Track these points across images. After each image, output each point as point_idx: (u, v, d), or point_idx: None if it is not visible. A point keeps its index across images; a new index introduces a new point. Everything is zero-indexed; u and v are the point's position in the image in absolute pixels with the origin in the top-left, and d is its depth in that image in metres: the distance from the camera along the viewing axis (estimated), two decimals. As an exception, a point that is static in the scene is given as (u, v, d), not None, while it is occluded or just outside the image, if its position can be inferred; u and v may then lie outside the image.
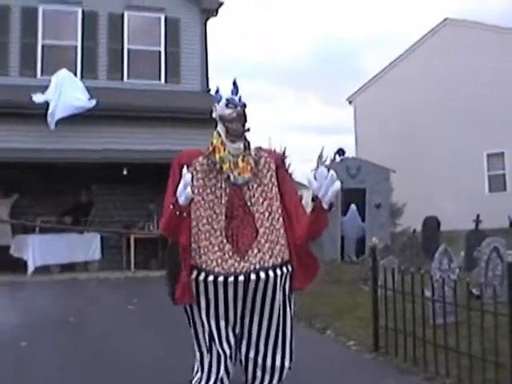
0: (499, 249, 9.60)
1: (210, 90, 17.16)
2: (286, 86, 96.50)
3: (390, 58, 32.09)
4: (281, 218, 3.75)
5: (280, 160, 3.93)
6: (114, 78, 16.87)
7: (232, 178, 3.64)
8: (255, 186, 3.72)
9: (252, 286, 3.59)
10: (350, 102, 33.40)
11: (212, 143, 3.73)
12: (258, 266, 3.59)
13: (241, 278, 3.55)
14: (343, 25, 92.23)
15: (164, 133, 15.09)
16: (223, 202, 3.65)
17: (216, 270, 3.56)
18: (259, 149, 3.87)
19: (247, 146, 3.74)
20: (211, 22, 18.51)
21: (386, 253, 11.31)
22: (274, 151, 4.11)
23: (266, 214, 3.69)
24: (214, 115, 3.78)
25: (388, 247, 13.10)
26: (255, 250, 3.62)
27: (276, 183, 3.78)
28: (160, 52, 17.52)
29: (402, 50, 31.19)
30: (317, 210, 3.47)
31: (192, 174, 3.49)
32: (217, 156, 3.66)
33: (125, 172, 15.47)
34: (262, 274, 3.59)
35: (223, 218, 3.62)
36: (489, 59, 26.30)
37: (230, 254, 3.59)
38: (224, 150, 3.66)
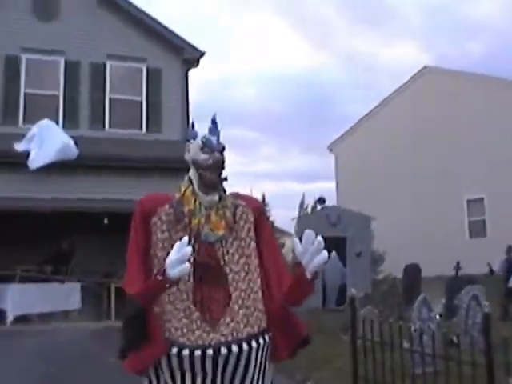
0: (478, 297, 9.67)
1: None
2: (267, 134, 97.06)
3: (370, 105, 32.57)
4: (259, 279, 3.22)
5: (259, 209, 3.40)
6: (95, 128, 16.95)
7: (202, 235, 3.10)
8: (230, 240, 3.17)
9: (222, 361, 3.02)
10: (330, 150, 33.69)
11: (181, 190, 3.21)
12: (230, 338, 3.04)
13: (209, 351, 2.99)
14: (326, 72, 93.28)
15: (145, 182, 15.10)
16: (191, 260, 3.00)
17: (181, 340, 3.02)
18: (236, 195, 3.32)
19: (223, 197, 3.19)
20: (192, 72, 18.76)
21: (367, 302, 11.33)
22: (252, 198, 3.50)
23: (242, 274, 3.14)
24: (186, 157, 3.25)
25: (368, 296, 13.13)
26: (227, 319, 3.06)
27: (254, 237, 3.26)
28: (141, 102, 17.67)
29: (382, 98, 31.66)
30: (299, 277, 3.02)
31: (157, 224, 3.09)
32: (185, 208, 3.12)
33: (105, 221, 15.44)
34: (235, 348, 3.03)
35: (191, 279, 3.07)
36: (468, 106, 26.72)
37: (198, 322, 3.03)
38: (195, 201, 3.14)
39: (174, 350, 3.00)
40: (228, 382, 3.08)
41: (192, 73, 18.84)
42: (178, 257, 2.81)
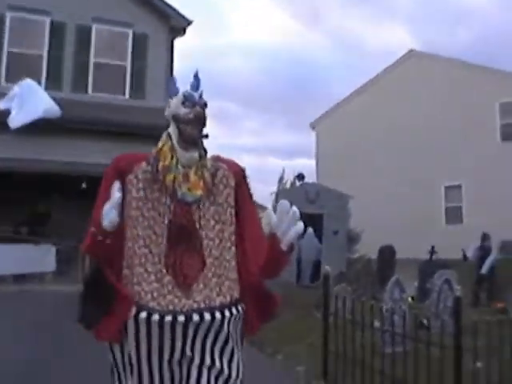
0: (451, 281, 9.76)
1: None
2: (251, 108, 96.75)
3: (355, 86, 32.54)
4: (233, 248, 3.05)
5: (241, 175, 3.22)
6: (78, 91, 16.80)
7: (179, 194, 2.92)
8: (207, 204, 3.01)
9: (192, 329, 2.86)
10: (313, 128, 33.68)
11: (158, 147, 3.02)
12: (202, 305, 2.88)
13: (180, 318, 2.82)
14: (314, 50, 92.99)
15: (126, 148, 14.91)
16: (166, 221, 2.92)
17: (150, 304, 2.83)
18: (217, 158, 3.17)
19: (203, 156, 3.03)
20: (179, 41, 18.64)
21: (341, 280, 11.41)
22: (235, 162, 3.27)
23: (216, 241, 2.98)
24: (165, 113, 3.09)
25: (343, 274, 13.22)
26: (201, 285, 2.91)
27: (233, 204, 3.09)
28: (126, 67, 17.52)
29: (367, 79, 31.67)
30: (274, 249, 2.88)
31: (132, 182, 2.92)
32: (160, 164, 2.93)
33: (84, 185, 15.37)
34: (207, 315, 2.87)
35: (164, 241, 2.91)
36: (452, 92, 26.80)
37: (170, 287, 2.87)
38: (172, 157, 2.95)
39: (143, 315, 2.81)
40: (198, 352, 2.91)
41: (178, 41, 18.73)
42: (109, 205, 2.68)
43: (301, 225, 2.85)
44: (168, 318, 2.82)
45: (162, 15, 17.98)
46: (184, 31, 18.43)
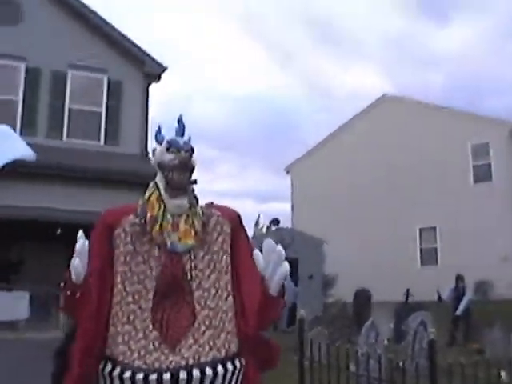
0: (426, 323, 9.80)
1: (148, 154, 17.30)
2: (226, 152, 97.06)
3: (330, 129, 32.86)
4: (230, 298, 2.86)
5: (236, 221, 3.04)
6: (53, 137, 16.77)
7: (168, 243, 2.74)
8: (201, 254, 2.83)
9: None
10: (287, 172, 33.84)
11: (145, 197, 2.86)
12: (191, 362, 2.65)
13: (166, 376, 2.61)
14: (288, 94, 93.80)
15: (100, 194, 14.96)
16: (155, 274, 2.75)
17: (136, 363, 2.64)
18: (210, 206, 3.00)
19: (194, 204, 2.86)
20: (154, 87, 18.75)
21: (316, 323, 11.38)
22: (229, 208, 3.12)
23: (212, 291, 2.80)
24: (152, 162, 2.95)
25: (318, 318, 13.19)
26: (190, 340, 2.69)
27: (229, 251, 2.91)
28: (101, 113, 17.56)
29: (341, 123, 32.01)
30: (265, 295, 2.74)
31: (120, 236, 2.77)
32: (148, 215, 2.77)
33: (58, 231, 15.28)
34: (196, 372, 2.64)
35: (150, 296, 2.74)
36: (425, 136, 27.16)
37: (157, 344, 2.68)
38: (160, 207, 2.78)
39: (127, 374, 2.62)
40: None
41: (153, 87, 18.81)
42: (74, 255, 2.60)
43: (286, 265, 2.69)
44: (153, 377, 2.60)
45: (137, 62, 18.08)
46: (159, 77, 18.52)
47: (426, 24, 69.59)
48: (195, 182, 2.89)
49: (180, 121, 2.95)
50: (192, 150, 2.87)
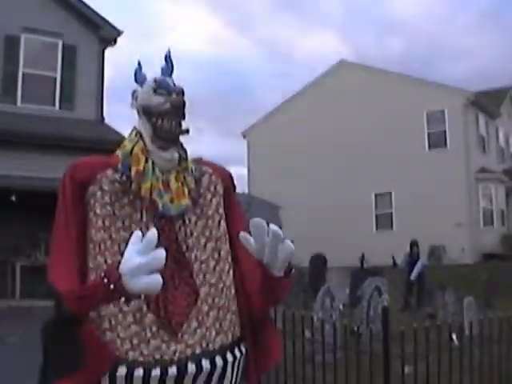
0: (380, 288, 9.95)
1: (104, 119, 17.14)
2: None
3: (286, 95, 32.86)
4: (231, 271, 2.39)
5: (229, 181, 2.60)
6: (6, 102, 16.47)
7: (160, 206, 2.24)
8: (193, 219, 2.33)
9: (189, 381, 2.15)
10: (244, 136, 33.78)
11: (126, 148, 2.32)
12: (198, 350, 2.18)
13: (172, 370, 2.10)
14: (246, 58, 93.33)
15: (56, 160, 14.77)
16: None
17: (130, 356, 2.10)
18: (200, 161, 2.50)
19: (184, 158, 2.36)
20: (109, 50, 18.51)
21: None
22: (220, 166, 2.64)
23: (212, 264, 2.32)
24: (132, 105, 2.41)
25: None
26: (194, 323, 2.21)
27: (224, 215, 2.45)
28: (56, 78, 17.27)
29: (298, 89, 32.01)
30: (267, 278, 2.21)
31: (96, 196, 2.22)
32: (133, 170, 2.24)
33: (13, 198, 15.08)
34: (206, 363, 2.17)
35: None
36: (381, 102, 27.32)
37: (154, 329, 2.14)
38: (146, 160, 2.27)
39: (122, 371, 2.09)
40: None
41: (109, 51, 18.57)
42: (148, 261, 1.89)
43: (290, 245, 2.18)
44: (155, 373, 2.10)
45: (92, 25, 17.79)
46: (115, 41, 18.28)
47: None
48: (187, 131, 2.38)
49: (168, 58, 2.44)
50: (183, 93, 2.35)
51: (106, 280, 1.90)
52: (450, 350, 5.72)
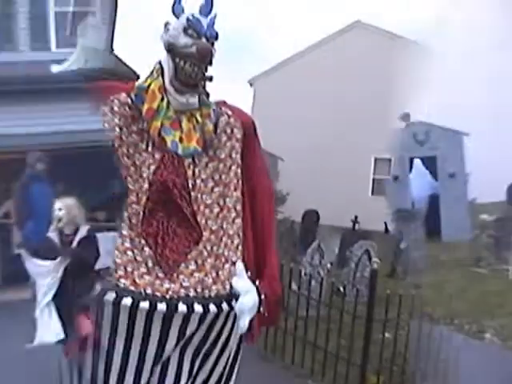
0: (370, 252, 9.97)
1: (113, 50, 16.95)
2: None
3: (296, 49, 32.50)
4: (238, 221, 2.28)
5: (250, 127, 2.54)
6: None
7: (169, 143, 2.17)
8: (204, 161, 2.25)
9: (177, 323, 2.11)
10: (250, 85, 33.47)
11: (146, 82, 2.23)
12: (192, 293, 2.11)
13: (161, 306, 2.06)
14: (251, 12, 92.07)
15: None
16: (145, 175, 2.13)
17: (122, 283, 2.08)
18: (221, 104, 2.45)
19: (204, 103, 2.29)
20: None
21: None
22: (243, 112, 2.60)
23: (215, 209, 2.22)
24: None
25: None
26: (192, 265, 2.13)
27: (239, 162, 2.34)
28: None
29: (310, 44, 31.68)
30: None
31: (106, 115, 2.18)
32: (145, 106, 2.16)
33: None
34: (198, 307, 2.11)
35: (143, 202, 2.13)
36: (389, 67, 27.02)
37: (150, 264, 2.08)
38: (162, 99, 2.18)
39: (110, 296, 2.09)
40: (176, 359, 2.19)
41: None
42: None
43: (244, 323, 2.16)
44: (144, 305, 2.05)
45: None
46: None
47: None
48: (211, 78, 2.30)
49: None
50: (216, 38, 2.26)
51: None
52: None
